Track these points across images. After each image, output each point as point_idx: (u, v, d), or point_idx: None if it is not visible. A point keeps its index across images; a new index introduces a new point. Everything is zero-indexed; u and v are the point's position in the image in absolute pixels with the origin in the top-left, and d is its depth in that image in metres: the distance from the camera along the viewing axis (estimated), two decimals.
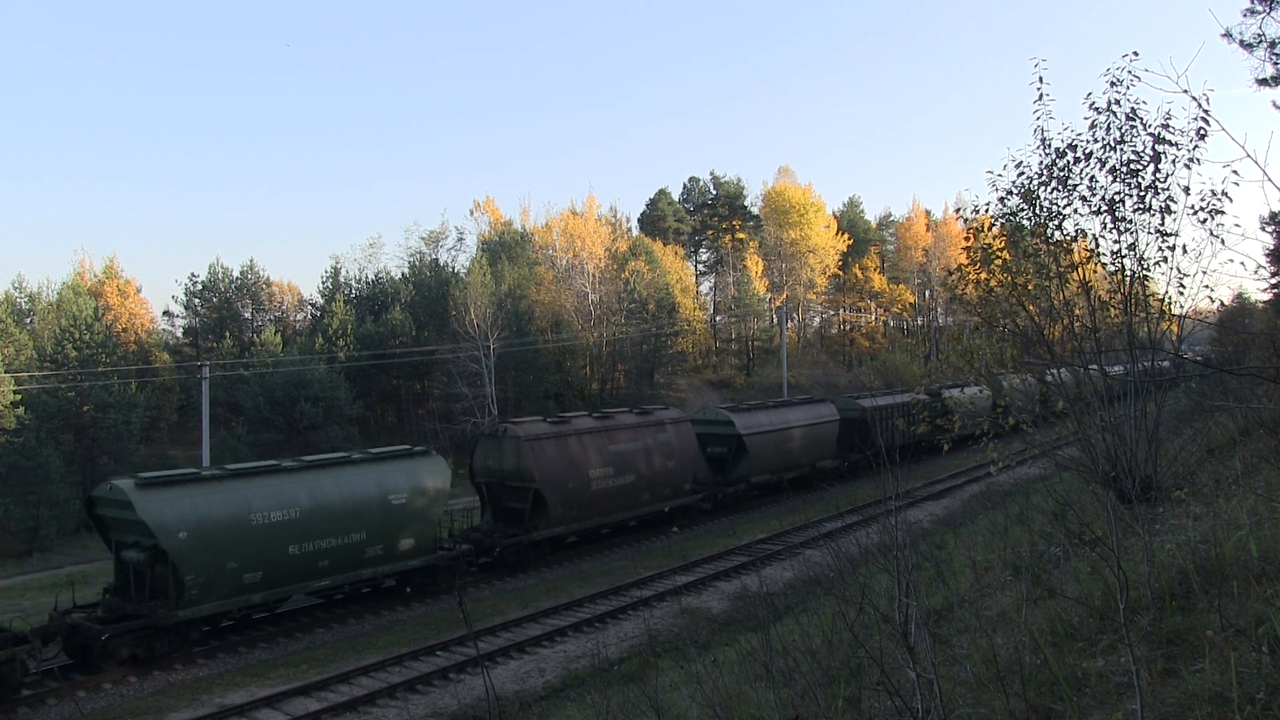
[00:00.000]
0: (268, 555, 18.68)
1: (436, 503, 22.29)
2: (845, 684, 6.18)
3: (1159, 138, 8.91)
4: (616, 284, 57.07)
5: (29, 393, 37.26)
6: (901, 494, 6.11)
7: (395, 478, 21.50)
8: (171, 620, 17.51)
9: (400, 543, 21.33)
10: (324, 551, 19.67)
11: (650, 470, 27.44)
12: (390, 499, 21.03)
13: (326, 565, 19.83)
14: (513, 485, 24.66)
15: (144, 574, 17.87)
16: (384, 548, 20.96)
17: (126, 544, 18.19)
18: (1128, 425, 9.27)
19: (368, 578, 20.96)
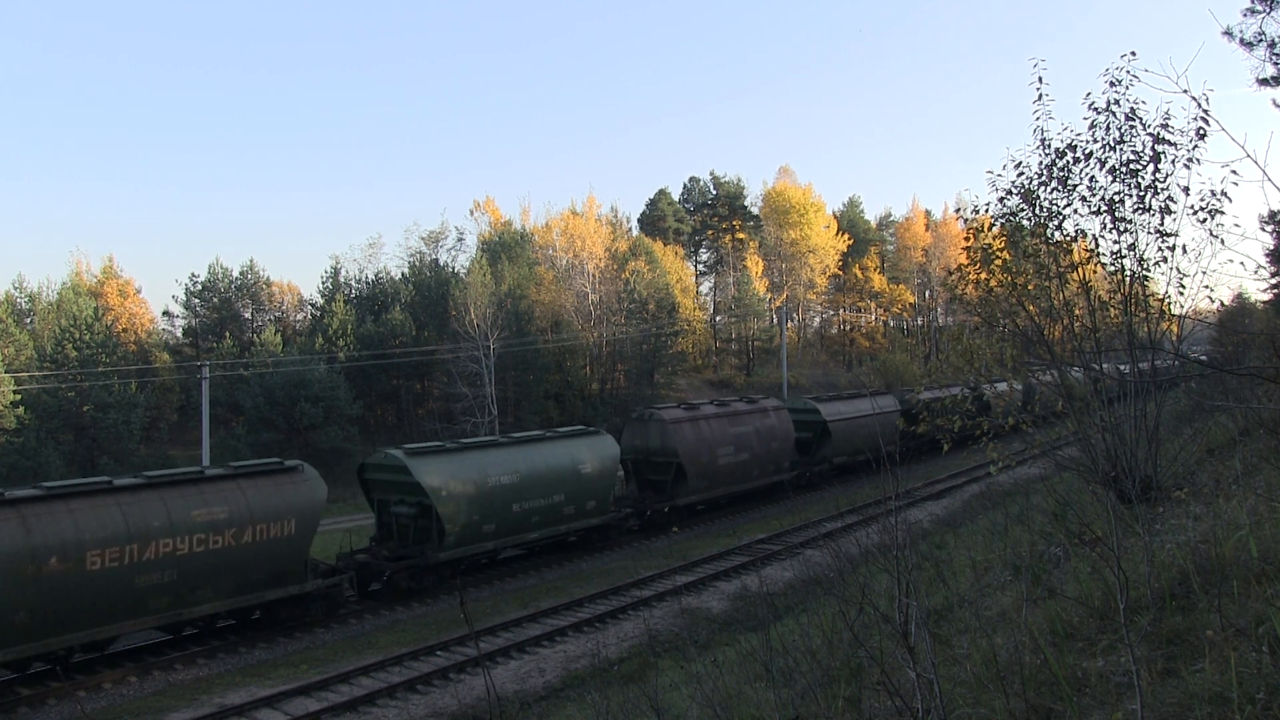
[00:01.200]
0: (499, 511, 22.99)
1: (610, 473, 26.20)
2: (845, 684, 6.18)
3: (1158, 138, 8.91)
4: (616, 284, 57.07)
5: (29, 393, 37.28)
6: (902, 494, 6.11)
7: (582, 451, 25.58)
8: (435, 560, 21.78)
9: (586, 504, 25.45)
10: (535, 509, 23.94)
11: (760, 450, 31.59)
12: (580, 468, 25.16)
13: (536, 520, 24.11)
14: (657, 460, 28.76)
15: (409, 526, 22.26)
16: (575, 508, 25.11)
17: (395, 501, 22.59)
18: (1128, 425, 9.27)
19: (562, 532, 25.10)
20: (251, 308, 56.69)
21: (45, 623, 15.84)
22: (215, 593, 18.21)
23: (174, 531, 17.37)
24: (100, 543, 16.37)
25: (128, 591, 16.77)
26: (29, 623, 15.62)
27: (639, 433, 29.31)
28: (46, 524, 15.91)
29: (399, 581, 21.55)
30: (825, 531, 20.11)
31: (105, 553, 16.41)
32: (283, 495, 19.43)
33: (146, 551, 16.95)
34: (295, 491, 19.71)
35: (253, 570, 18.70)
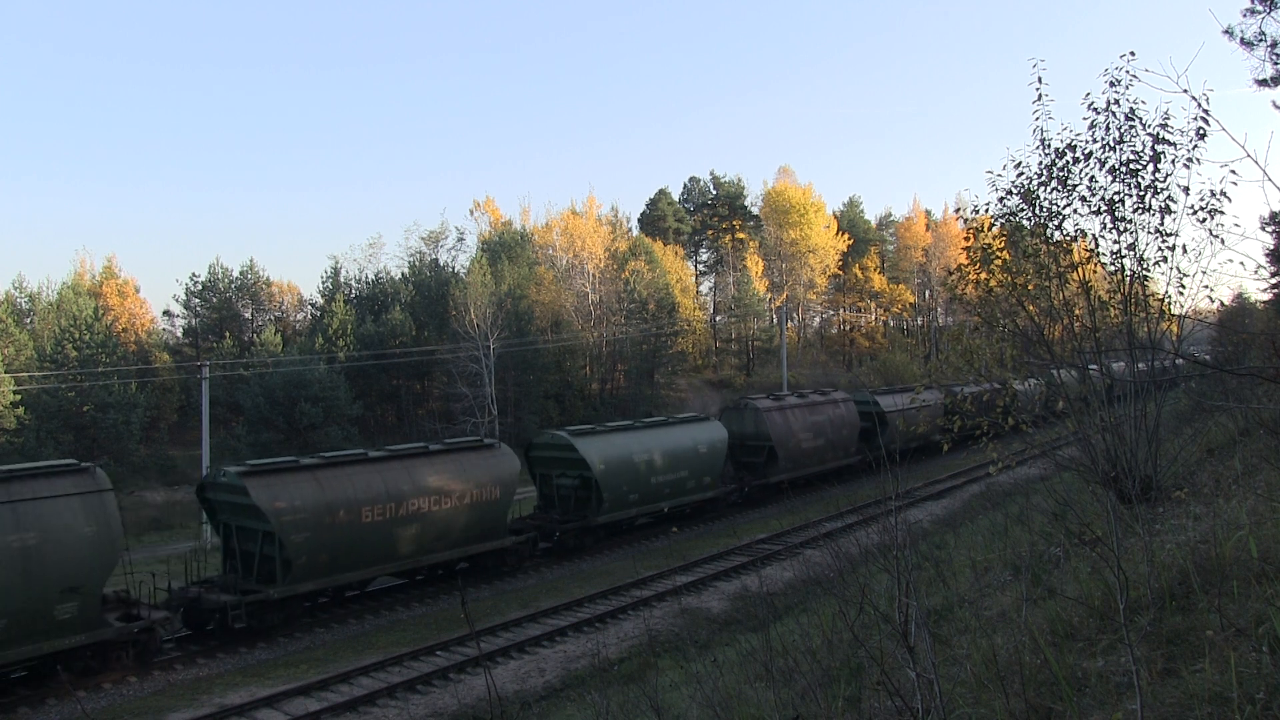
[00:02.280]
0: (642, 483, 26.84)
1: (720, 453, 29.76)
2: (845, 684, 6.18)
3: (1158, 138, 8.92)
4: (616, 284, 57.07)
5: (29, 393, 37.29)
6: (902, 494, 6.11)
7: (699, 435, 29.39)
8: (594, 523, 25.70)
9: (703, 479, 29.04)
10: (667, 482, 27.69)
11: (833, 436, 35.13)
12: (698, 449, 28.89)
13: (667, 492, 27.83)
14: (751, 444, 32.19)
15: (570, 495, 26.14)
16: (695, 482, 28.74)
17: (558, 475, 26.37)
18: (1128, 425, 9.28)
19: (685, 503, 28.66)
20: (251, 308, 56.70)
21: (336, 563, 19.90)
22: (446, 544, 22.23)
23: (419, 494, 21.29)
24: (370, 501, 20.32)
25: (388, 540, 20.76)
26: (327, 562, 19.69)
27: (735, 419, 32.66)
28: (333, 485, 19.95)
29: (566, 540, 25.52)
30: (825, 531, 20.12)
31: (374, 509, 20.34)
32: (489, 467, 23.31)
33: (401, 509, 20.88)
34: (498, 464, 23.71)
35: (471, 527, 22.66)
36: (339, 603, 21.43)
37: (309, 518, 19.08)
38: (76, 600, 16.00)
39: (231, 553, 20.12)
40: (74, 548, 16.01)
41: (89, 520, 16.26)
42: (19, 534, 15.34)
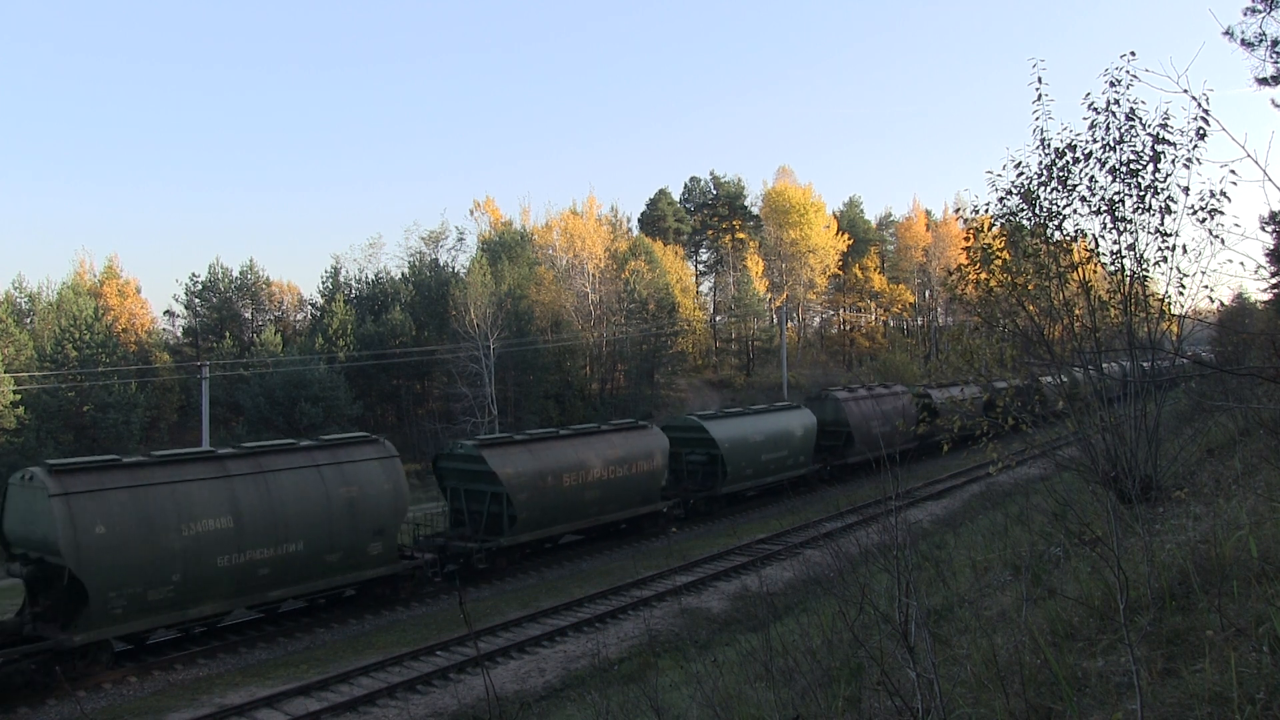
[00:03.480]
0: (755, 459, 30.82)
1: (811, 437, 33.64)
2: (845, 684, 6.18)
3: (1158, 138, 8.92)
4: (616, 284, 57.06)
5: (29, 393, 37.28)
6: (902, 494, 6.11)
7: (794, 420, 33.35)
8: (719, 494, 30.02)
9: (799, 459, 33.10)
10: (772, 460, 31.57)
11: (898, 423, 38.66)
12: (794, 433, 32.85)
13: (773, 468, 31.68)
14: (830, 429, 36.02)
15: (698, 471, 30.44)
16: (792, 461, 32.70)
17: (688, 453, 30.29)
18: (1128, 425, 9.28)
19: (785, 478, 32.43)
20: (251, 308, 56.70)
21: (544, 519, 24.21)
22: (617, 507, 26.33)
23: (600, 465, 25.49)
24: (568, 469, 24.63)
25: (579, 502, 25.06)
26: (539, 517, 23.95)
27: (818, 408, 36.55)
28: (543, 456, 24.34)
29: (698, 507, 29.98)
30: (825, 531, 20.12)
31: (570, 475, 24.60)
32: (647, 443, 27.49)
33: (588, 476, 25.07)
34: (654, 440, 27.79)
35: (635, 493, 26.82)
36: (539, 553, 25.68)
37: (528, 481, 23.60)
38: (382, 540, 20.75)
39: (459, 512, 24.77)
40: (379, 500, 20.63)
41: (387, 478, 21.00)
42: (347, 487, 20.10)
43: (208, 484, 18.00)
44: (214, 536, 17.58)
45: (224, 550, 17.70)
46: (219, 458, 18.89)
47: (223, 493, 18.02)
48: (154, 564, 16.76)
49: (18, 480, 17.15)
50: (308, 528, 19.13)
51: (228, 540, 17.76)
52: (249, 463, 18.96)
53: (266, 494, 18.68)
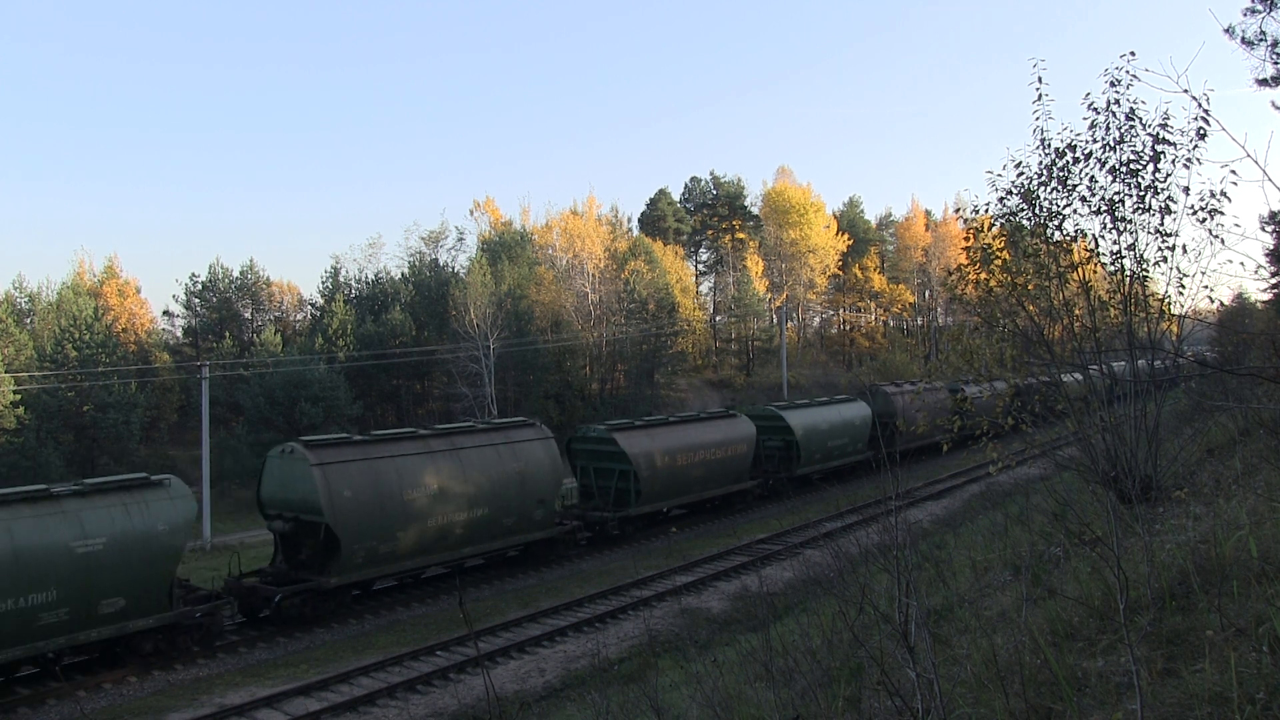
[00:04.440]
0: (823, 445, 34.33)
1: (868, 425, 36.52)
2: (845, 684, 6.18)
3: (1158, 138, 8.91)
4: (616, 284, 57.05)
5: (29, 393, 37.26)
6: (902, 494, 6.11)
7: (854, 411, 36.81)
8: (794, 475, 33.28)
9: (857, 445, 36.18)
10: (836, 446, 35.05)
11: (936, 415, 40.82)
12: (853, 421, 36.17)
13: (836, 454, 35.11)
14: (882, 420, 37.78)
15: (775, 455, 33.73)
16: (851, 448, 35.84)
17: (764, 439, 32.98)
18: (1128, 425, 9.28)
19: (845, 464, 35.06)
20: (251, 308, 56.71)
21: (663, 493, 28.16)
22: (716, 485, 30.05)
23: (703, 448, 29.17)
24: (681, 449, 28.37)
25: (688, 479, 28.80)
26: (659, 491, 27.81)
27: (869, 399, 39.53)
28: (660, 438, 28.29)
29: (777, 487, 32.85)
30: (825, 531, 20.11)
31: (682, 455, 28.43)
32: (737, 429, 30.96)
33: (695, 456, 28.85)
34: (744, 427, 31.26)
35: (730, 473, 30.46)
36: (655, 521, 29.23)
37: (650, 460, 27.26)
38: (543, 508, 24.20)
39: (588, 487, 28.31)
40: (541, 474, 24.11)
41: (546, 455, 24.60)
42: (517, 463, 23.61)
43: (418, 458, 21.66)
44: (425, 501, 21.26)
45: (432, 512, 21.41)
46: (423, 437, 22.76)
47: (429, 465, 21.72)
48: (383, 522, 20.36)
49: (276, 454, 20.97)
50: (491, 496, 22.77)
51: (435, 504, 21.49)
52: (445, 441, 22.80)
53: (460, 468, 22.38)
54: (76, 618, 16.12)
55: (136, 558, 16.78)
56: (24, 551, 15.46)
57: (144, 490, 17.61)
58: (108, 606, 16.53)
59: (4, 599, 15.19)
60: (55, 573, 15.76)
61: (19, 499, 16.17)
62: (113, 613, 16.61)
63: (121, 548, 16.58)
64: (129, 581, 16.75)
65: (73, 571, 15.99)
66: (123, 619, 16.76)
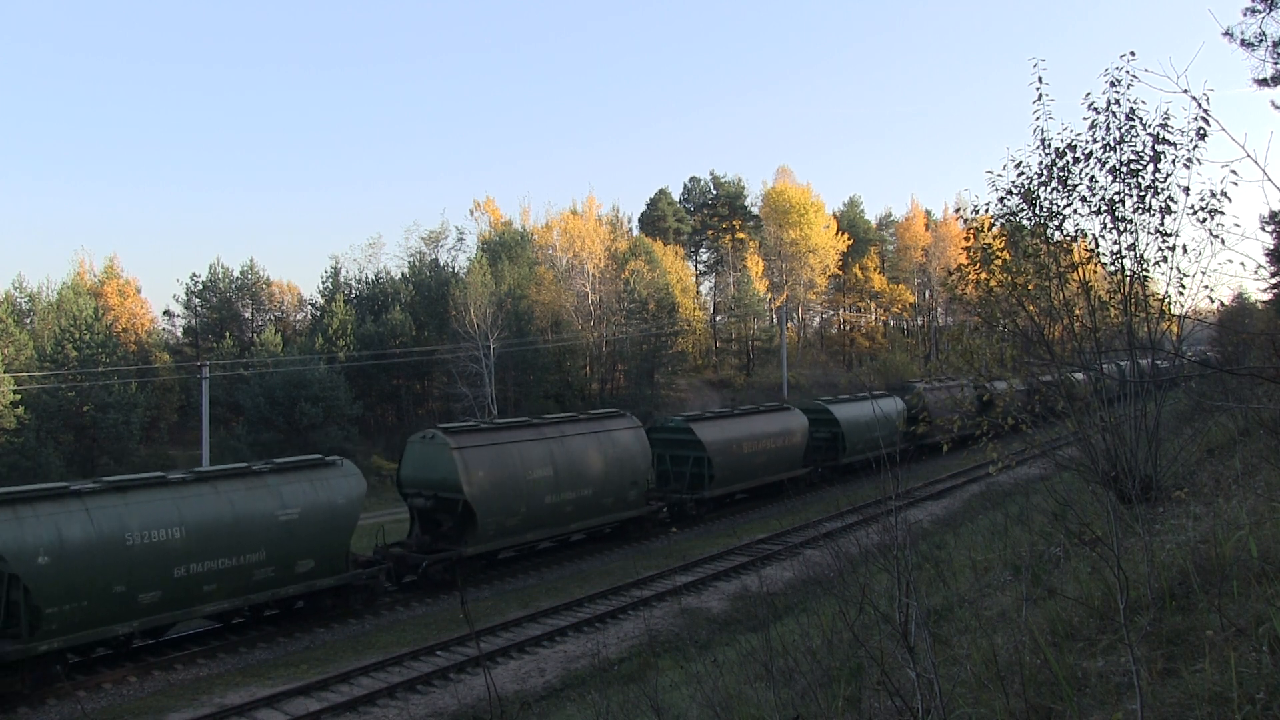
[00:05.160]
0: (865, 436, 35.85)
1: (902, 418, 36.76)
2: (845, 684, 6.18)
3: (1158, 138, 8.91)
4: (616, 284, 57.05)
5: (29, 393, 37.26)
6: (902, 494, 6.11)
7: (891, 406, 38.42)
8: (840, 464, 35.58)
9: (891, 438, 36.18)
10: (875, 438, 34.38)
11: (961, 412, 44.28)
12: (890, 415, 37.31)
13: (876, 445, 34.03)
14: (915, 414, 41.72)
15: (822, 445, 35.90)
16: (887, 440, 35.68)
17: (814, 431, 34.92)
18: (1127, 425, 9.27)
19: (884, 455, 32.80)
20: (251, 308, 56.70)
21: (733, 477, 30.78)
22: (774, 471, 32.60)
23: (765, 438, 31.90)
24: (747, 440, 31.08)
25: (753, 465, 31.51)
26: (730, 476, 30.57)
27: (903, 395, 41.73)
28: (730, 428, 31.14)
29: (826, 475, 35.30)
30: (825, 531, 20.10)
31: (747, 444, 30.99)
32: (791, 421, 33.80)
33: (757, 446, 31.41)
34: (798, 419, 34.21)
35: (786, 460, 33.11)
36: (723, 503, 31.84)
37: (722, 447, 30.02)
38: (636, 490, 27.12)
39: (665, 473, 30.63)
40: (633, 459, 27.07)
41: (637, 443, 27.61)
42: (614, 449, 26.54)
43: (536, 444, 24.48)
44: (542, 482, 23.97)
45: (547, 492, 24.09)
46: (537, 425, 25.67)
47: (544, 451, 24.50)
48: (510, 500, 23.07)
49: (417, 439, 23.68)
50: (594, 478, 25.58)
51: (550, 485, 24.18)
52: (555, 430, 25.68)
53: (568, 453, 25.16)
54: (279, 575, 19.03)
55: (323, 525, 19.72)
56: (242, 518, 18.35)
57: (324, 469, 20.73)
58: (302, 566, 19.49)
59: (229, 556, 18.05)
60: (264, 536, 18.63)
61: (233, 474, 19.09)
62: (305, 572, 19.56)
63: (312, 516, 19.49)
64: (317, 545, 19.60)
65: (276, 535, 18.82)
66: (312, 578, 19.68)
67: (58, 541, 15.74)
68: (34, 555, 15.43)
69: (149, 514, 17.05)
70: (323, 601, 20.11)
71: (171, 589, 17.19)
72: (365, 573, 20.76)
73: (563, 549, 26.46)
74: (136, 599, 16.74)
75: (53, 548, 15.65)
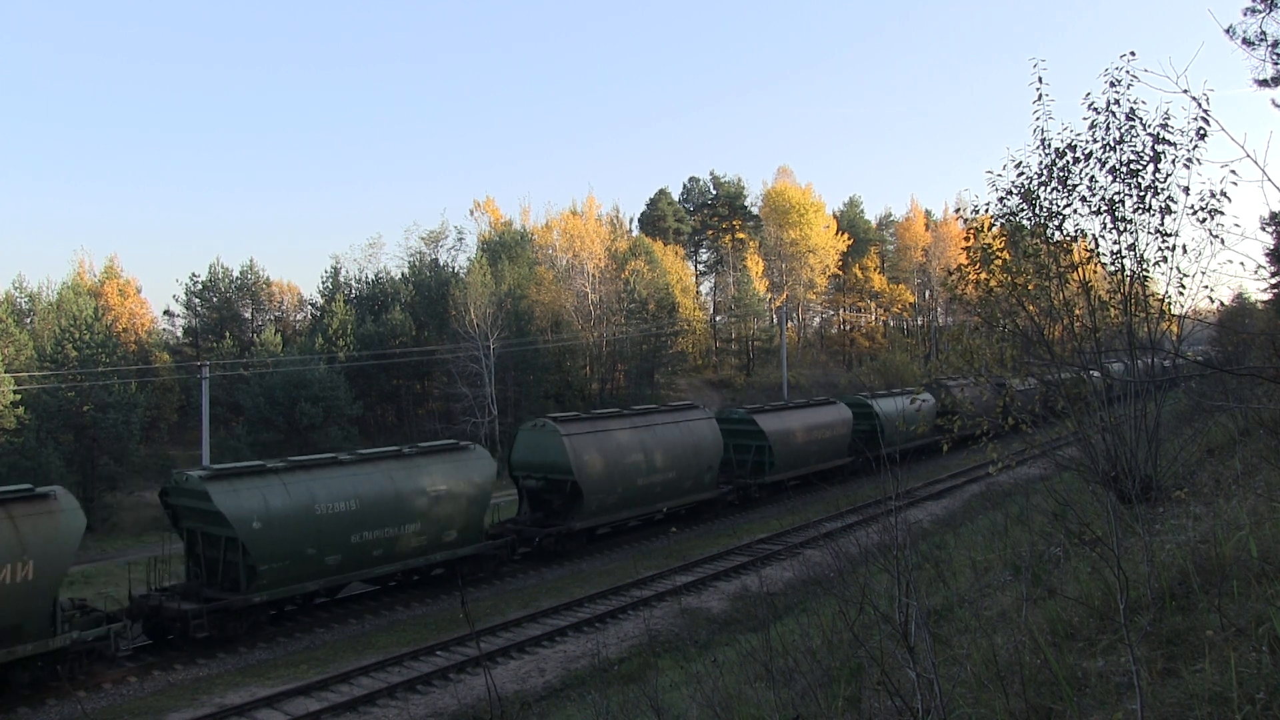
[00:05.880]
0: (898, 426, 37.34)
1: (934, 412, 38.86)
2: (845, 684, 6.18)
3: (1158, 138, 8.91)
4: (616, 284, 57.03)
5: (29, 393, 37.24)
6: (902, 494, 6.11)
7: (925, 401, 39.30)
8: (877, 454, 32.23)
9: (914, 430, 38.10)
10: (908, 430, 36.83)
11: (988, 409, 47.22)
12: (921, 409, 38.72)
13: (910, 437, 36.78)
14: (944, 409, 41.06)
15: (863, 436, 35.85)
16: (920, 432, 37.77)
17: (856, 425, 36.86)
18: (1128, 425, 9.27)
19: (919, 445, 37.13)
20: (251, 308, 56.65)
21: (790, 464, 33.30)
22: (823, 460, 34.96)
23: (816, 428, 34.70)
24: (801, 430, 33.83)
25: (805, 454, 34.08)
26: (788, 463, 33.10)
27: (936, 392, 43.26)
28: (785, 420, 33.79)
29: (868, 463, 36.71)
30: (825, 532, 20.11)
31: (802, 434, 33.85)
32: (837, 414, 36.60)
33: (810, 436, 34.34)
34: (843, 412, 36.76)
35: (832, 450, 35.64)
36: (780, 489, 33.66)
37: (782, 437, 32.85)
38: (710, 474, 30.04)
39: (727, 461, 32.00)
40: (708, 446, 29.86)
41: (710, 432, 30.28)
42: (692, 438, 29.38)
43: (630, 431, 27.61)
44: (635, 466, 27.07)
45: (640, 475, 27.16)
46: (628, 415, 29.20)
47: (637, 438, 27.60)
48: (611, 480, 26.11)
49: (528, 427, 27.00)
50: (677, 462, 28.44)
51: (641, 468, 27.27)
52: (645, 419, 28.98)
53: (657, 440, 28.06)
54: (429, 543, 21.93)
55: (464, 501, 22.64)
56: (401, 494, 21.25)
57: (460, 452, 23.61)
58: (447, 536, 22.32)
59: (392, 526, 20.94)
60: (418, 509, 21.49)
61: (389, 456, 22.17)
62: (449, 541, 22.41)
63: (455, 493, 22.44)
64: (459, 518, 22.58)
65: (428, 508, 21.69)
66: (454, 546, 22.52)
67: (265, 510, 18.57)
68: (249, 521, 18.24)
69: (330, 488, 19.97)
70: (460, 569, 22.67)
71: (349, 553, 20.06)
72: (495, 544, 23.72)
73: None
74: (323, 560, 19.63)
75: (263, 515, 18.49)
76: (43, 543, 15.78)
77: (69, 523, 16.41)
